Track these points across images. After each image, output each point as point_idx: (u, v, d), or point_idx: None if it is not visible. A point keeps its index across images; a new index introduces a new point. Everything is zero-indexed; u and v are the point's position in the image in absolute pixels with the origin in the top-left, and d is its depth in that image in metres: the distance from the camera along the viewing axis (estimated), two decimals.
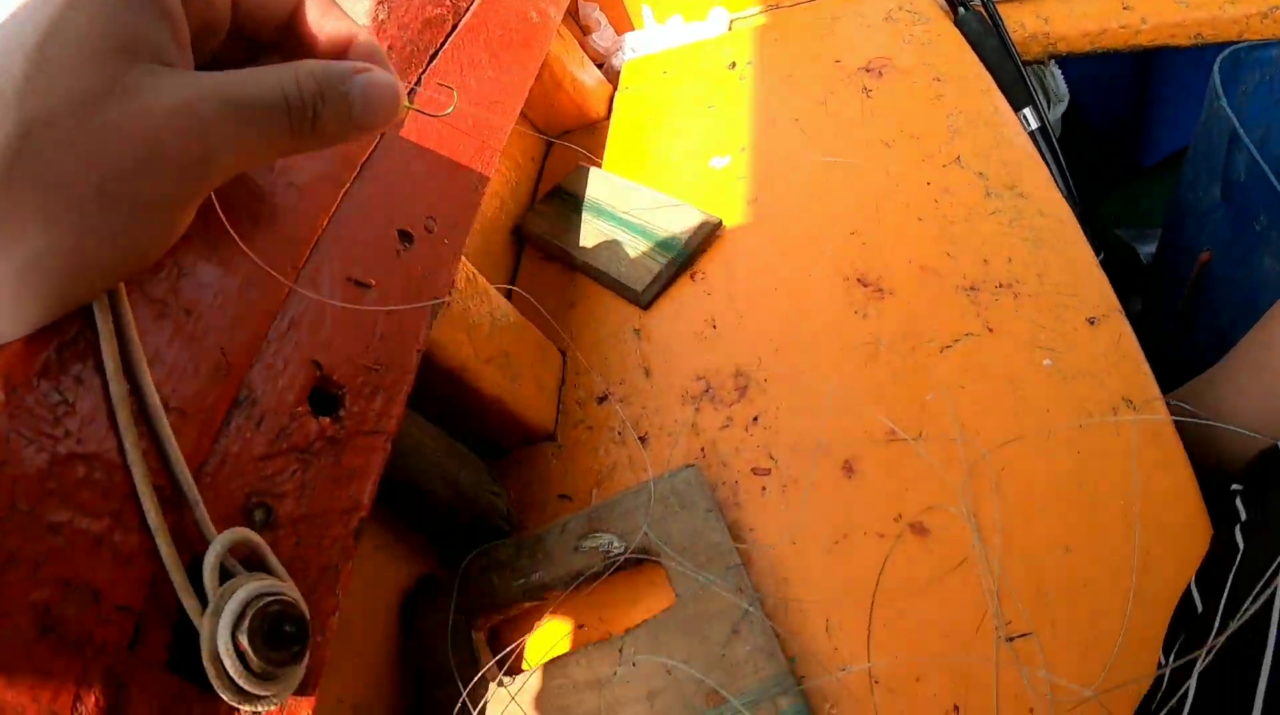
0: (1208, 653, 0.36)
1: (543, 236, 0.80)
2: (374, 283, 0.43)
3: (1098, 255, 0.62)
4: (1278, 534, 0.40)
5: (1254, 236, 0.78)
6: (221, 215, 0.34)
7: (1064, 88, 1.74)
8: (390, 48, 0.57)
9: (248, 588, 0.27)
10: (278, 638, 0.27)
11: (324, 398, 0.38)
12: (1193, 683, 0.37)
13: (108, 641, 0.26)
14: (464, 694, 0.44)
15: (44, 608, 0.25)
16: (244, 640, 0.26)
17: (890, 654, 0.46)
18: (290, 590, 0.29)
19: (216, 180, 0.30)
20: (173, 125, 0.26)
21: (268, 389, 0.36)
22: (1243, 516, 0.44)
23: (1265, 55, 0.91)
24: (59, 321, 0.28)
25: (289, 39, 0.34)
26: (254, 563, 0.31)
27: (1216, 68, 0.85)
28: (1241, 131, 0.77)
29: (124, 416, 0.28)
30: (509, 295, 0.79)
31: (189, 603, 0.27)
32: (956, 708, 0.44)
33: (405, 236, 0.48)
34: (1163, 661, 0.41)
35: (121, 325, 0.30)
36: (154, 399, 0.29)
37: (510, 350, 0.60)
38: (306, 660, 0.29)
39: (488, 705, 0.47)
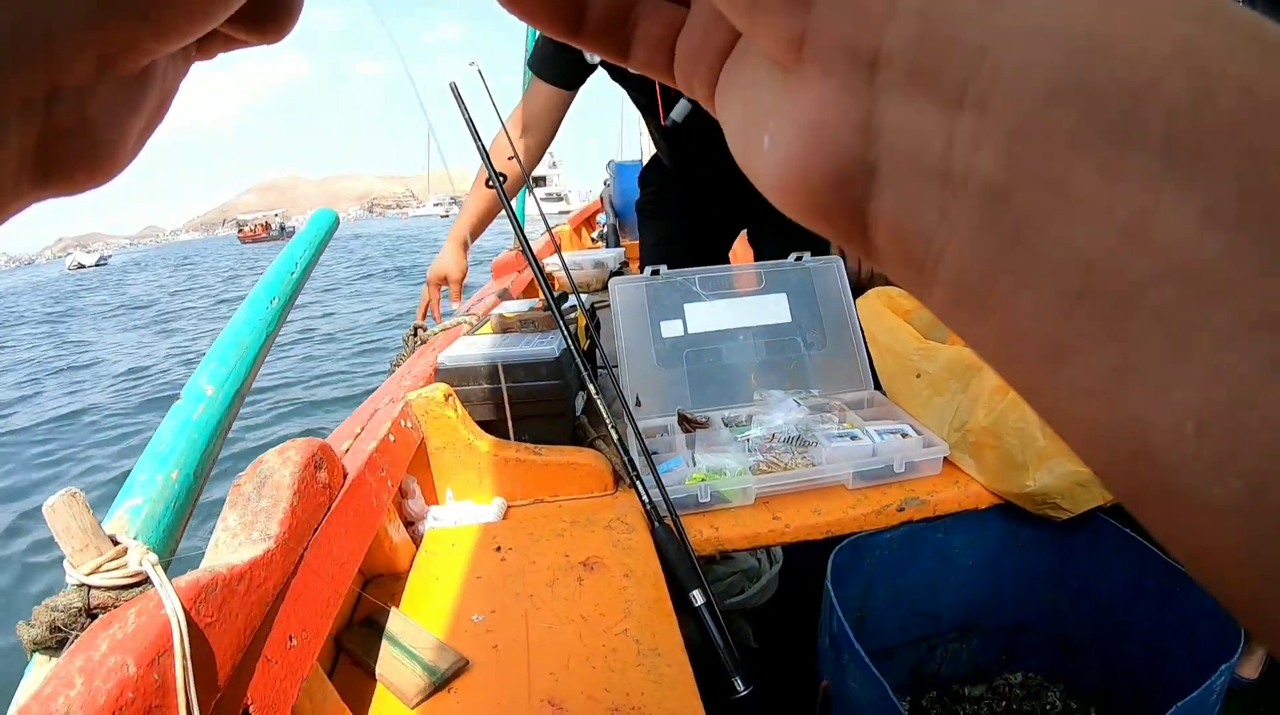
0: None
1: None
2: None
3: None
4: None
5: (843, 669, 1.23)
6: None
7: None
8: (292, 525, 0.98)
9: None
10: None
11: None
12: None
13: None
14: None
15: None
16: None
17: None
18: None
19: None
20: None
21: None
22: None
23: (880, 539, 1.41)
24: None
25: None
26: None
27: (831, 559, 1.31)
28: (836, 604, 1.24)
29: None
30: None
31: None
32: None
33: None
34: None
35: None
36: None
37: None
38: None
39: None
